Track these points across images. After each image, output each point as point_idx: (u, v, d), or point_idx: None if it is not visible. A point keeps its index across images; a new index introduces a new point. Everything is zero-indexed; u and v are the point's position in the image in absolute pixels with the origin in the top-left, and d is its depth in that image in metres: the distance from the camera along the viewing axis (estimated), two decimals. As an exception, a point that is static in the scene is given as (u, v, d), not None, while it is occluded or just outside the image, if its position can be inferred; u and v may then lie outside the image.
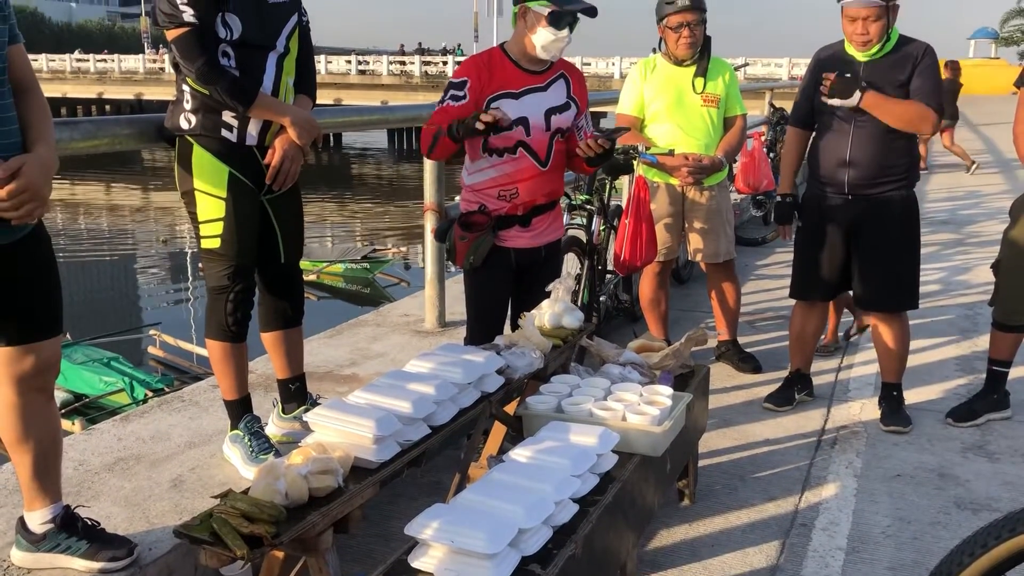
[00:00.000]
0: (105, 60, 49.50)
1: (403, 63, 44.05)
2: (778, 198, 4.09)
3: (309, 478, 1.97)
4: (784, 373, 4.30)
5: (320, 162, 36.63)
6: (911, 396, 4.14)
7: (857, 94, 3.63)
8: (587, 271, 4.63)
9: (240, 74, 2.83)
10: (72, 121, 3.01)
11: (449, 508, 1.98)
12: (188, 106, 2.89)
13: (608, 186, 5.05)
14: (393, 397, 2.30)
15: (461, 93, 3.20)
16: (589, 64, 40.62)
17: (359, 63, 44.48)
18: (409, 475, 2.31)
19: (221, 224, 2.91)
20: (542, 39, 3.16)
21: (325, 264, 17.03)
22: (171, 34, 2.79)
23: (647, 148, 4.21)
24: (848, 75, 3.68)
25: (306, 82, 3.09)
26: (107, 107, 47.44)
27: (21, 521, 2.43)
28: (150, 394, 9.62)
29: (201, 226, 2.95)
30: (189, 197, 2.95)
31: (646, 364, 3.08)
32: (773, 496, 3.29)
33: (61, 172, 2.32)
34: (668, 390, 2.79)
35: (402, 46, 53.26)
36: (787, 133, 4.09)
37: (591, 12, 3.19)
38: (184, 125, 2.90)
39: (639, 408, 2.64)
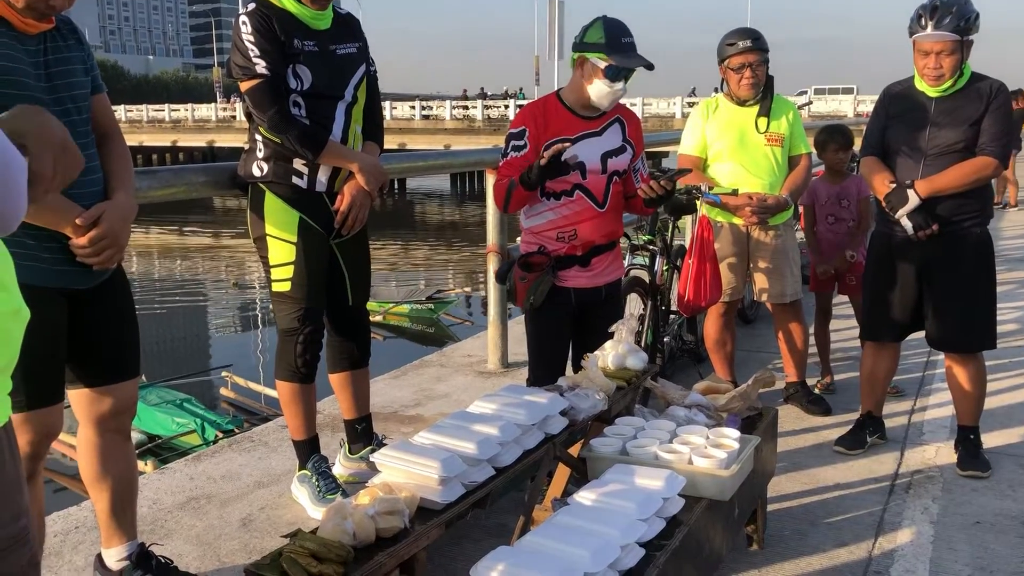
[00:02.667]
0: (179, 109, 51.45)
1: (465, 107, 44.76)
2: (891, 186, 3.65)
3: (376, 518, 1.98)
4: (855, 415, 4.20)
5: (385, 205, 37.26)
6: (989, 439, 4.00)
7: (911, 193, 3.59)
8: (650, 312, 4.60)
9: (310, 123, 2.92)
10: (151, 170, 3.14)
11: (514, 551, 1.98)
12: (260, 154, 2.98)
13: (671, 226, 5.03)
14: (458, 438, 2.32)
15: (522, 142, 3.24)
16: (650, 104, 40.64)
17: (423, 108, 45.34)
18: (474, 517, 2.32)
19: (291, 268, 2.99)
20: (597, 91, 3.20)
21: (391, 305, 17.26)
22: (244, 85, 2.90)
23: (710, 188, 4.19)
24: (892, 183, 3.64)
25: (374, 129, 3.18)
26: (180, 154, 49.08)
27: (99, 558, 2.50)
28: (220, 435, 9.81)
29: (272, 270, 3.03)
30: (261, 242, 3.03)
31: (712, 406, 3.04)
32: (845, 542, 3.20)
33: (137, 219, 2.40)
34: (735, 433, 2.75)
35: (465, 91, 54.20)
36: (864, 161, 3.89)
37: (648, 68, 3.22)
38: (256, 173, 2.99)
39: (706, 451, 2.60)
